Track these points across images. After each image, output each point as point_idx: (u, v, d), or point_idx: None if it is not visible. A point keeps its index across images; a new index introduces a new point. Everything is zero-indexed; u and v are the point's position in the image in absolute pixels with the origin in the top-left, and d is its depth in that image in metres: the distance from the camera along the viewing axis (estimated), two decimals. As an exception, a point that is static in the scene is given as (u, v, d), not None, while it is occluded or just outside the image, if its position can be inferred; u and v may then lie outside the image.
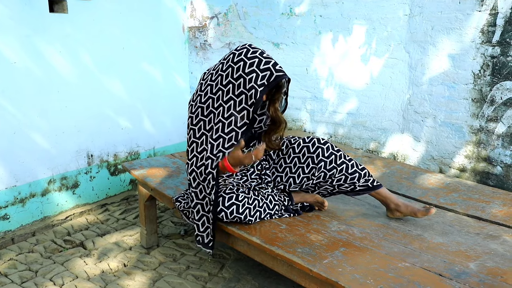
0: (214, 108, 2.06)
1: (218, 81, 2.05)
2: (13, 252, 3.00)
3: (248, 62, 1.97)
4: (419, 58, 3.15)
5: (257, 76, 1.96)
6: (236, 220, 2.12)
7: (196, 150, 2.10)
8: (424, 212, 2.15)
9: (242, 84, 1.99)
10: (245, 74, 1.97)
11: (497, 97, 2.85)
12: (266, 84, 1.96)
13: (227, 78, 2.02)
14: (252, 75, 1.97)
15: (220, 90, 2.04)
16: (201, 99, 2.10)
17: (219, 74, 2.06)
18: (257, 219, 2.17)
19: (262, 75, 1.96)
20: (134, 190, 4.07)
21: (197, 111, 2.10)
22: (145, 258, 2.91)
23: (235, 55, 2.02)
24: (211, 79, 2.09)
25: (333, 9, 3.49)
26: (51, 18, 3.24)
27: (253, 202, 2.15)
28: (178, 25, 4.34)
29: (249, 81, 1.97)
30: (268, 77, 1.96)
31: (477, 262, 1.81)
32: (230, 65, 2.02)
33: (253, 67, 1.97)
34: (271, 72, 1.96)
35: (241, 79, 1.99)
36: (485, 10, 2.81)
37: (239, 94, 2.01)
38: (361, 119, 3.53)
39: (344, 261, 1.83)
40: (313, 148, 2.23)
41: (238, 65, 1.99)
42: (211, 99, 2.07)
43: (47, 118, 3.31)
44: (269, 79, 1.96)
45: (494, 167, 2.94)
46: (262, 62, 1.97)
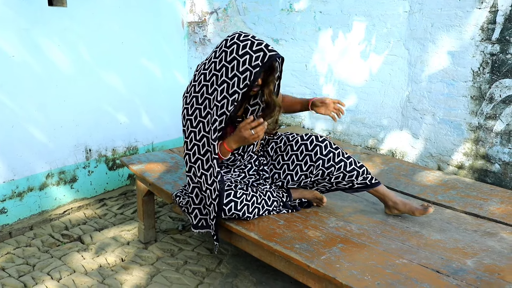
0: (208, 94, 2.05)
1: (212, 68, 2.04)
2: (11, 246, 3.00)
3: (241, 45, 1.97)
4: (419, 55, 3.15)
5: (250, 57, 1.96)
6: (235, 217, 2.12)
7: (195, 138, 2.08)
8: (422, 211, 2.15)
9: (235, 67, 1.98)
10: (239, 56, 1.97)
11: (496, 95, 2.85)
12: (260, 65, 1.95)
13: (220, 62, 2.01)
14: (246, 57, 1.96)
15: (214, 76, 2.03)
16: (195, 89, 2.09)
17: (212, 61, 2.05)
18: (256, 216, 2.17)
19: (256, 56, 1.95)
20: (132, 185, 4.07)
21: (192, 101, 2.09)
22: (142, 253, 2.91)
23: (227, 41, 2.02)
24: (204, 67, 2.08)
25: (332, 5, 3.48)
26: (50, 11, 3.23)
27: (251, 199, 2.14)
28: (178, 20, 4.33)
29: (242, 63, 1.96)
30: (262, 57, 1.95)
31: (475, 259, 1.81)
32: (224, 50, 2.01)
33: (246, 49, 1.96)
34: (264, 52, 1.95)
35: (235, 62, 1.98)
36: (485, 8, 2.81)
37: (232, 76, 1.99)
38: (360, 115, 3.53)
39: (341, 257, 1.83)
40: (311, 146, 2.22)
41: (231, 49, 1.99)
42: (205, 87, 2.06)
43: (45, 112, 3.30)
44: (263, 60, 1.95)
45: (492, 165, 2.95)
46: (254, 44, 1.97)
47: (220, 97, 2.02)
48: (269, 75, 2.09)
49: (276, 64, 2.06)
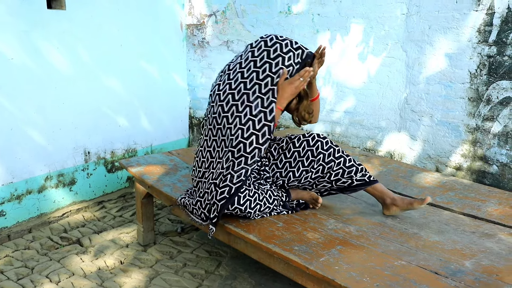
0: (247, 89, 2.11)
1: (251, 65, 2.12)
2: (9, 248, 3.00)
3: (283, 43, 2.11)
4: (416, 57, 3.16)
5: (293, 54, 2.12)
6: (237, 211, 2.12)
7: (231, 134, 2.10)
8: (420, 202, 2.17)
9: (280, 62, 2.09)
10: (283, 53, 2.10)
11: (493, 97, 2.86)
12: (300, 62, 2.13)
13: (262, 60, 2.11)
14: (290, 54, 2.11)
15: (254, 72, 2.11)
16: (230, 86, 2.13)
17: (250, 60, 2.13)
18: (257, 212, 2.17)
19: (297, 53, 2.13)
20: (131, 187, 4.07)
21: (228, 98, 2.12)
22: (141, 255, 2.91)
23: (266, 42, 2.13)
24: (241, 66, 2.15)
25: (330, 7, 3.49)
26: (49, 14, 3.23)
27: (253, 195, 2.16)
28: (176, 23, 4.34)
29: (288, 59, 2.10)
30: (301, 55, 2.14)
31: (473, 261, 1.82)
32: (265, 49, 2.12)
33: (289, 47, 2.11)
34: (302, 50, 2.14)
35: (279, 58, 2.10)
36: (482, 10, 2.82)
37: (277, 71, 2.10)
38: (358, 117, 3.54)
39: (340, 259, 1.84)
40: (312, 142, 2.31)
41: (275, 47, 2.10)
42: (242, 83, 2.11)
43: (44, 114, 3.31)
44: (301, 56, 2.14)
45: (490, 166, 2.96)
46: (293, 43, 2.14)
47: (264, 89, 2.09)
48: None
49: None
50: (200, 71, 4.45)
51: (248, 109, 2.08)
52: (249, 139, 2.07)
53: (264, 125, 2.07)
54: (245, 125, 2.07)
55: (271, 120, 2.07)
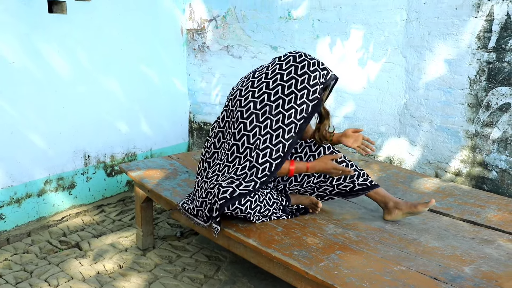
0: (270, 101, 2.15)
1: (278, 78, 2.16)
2: (8, 252, 3.00)
3: (311, 62, 2.15)
4: (416, 63, 3.17)
5: (319, 74, 2.15)
6: (237, 212, 2.12)
7: (248, 141, 2.15)
8: (425, 204, 2.17)
9: (306, 80, 2.13)
10: (310, 71, 2.13)
11: (493, 103, 2.87)
12: (324, 82, 2.16)
13: (289, 75, 2.15)
14: (316, 73, 2.13)
15: (280, 85, 2.15)
16: (253, 94, 2.17)
17: (277, 72, 2.17)
18: (257, 213, 2.17)
19: (322, 74, 2.16)
20: (131, 191, 4.06)
21: (249, 105, 2.16)
22: (140, 259, 2.91)
23: (295, 57, 2.17)
24: (267, 76, 2.18)
25: (331, 13, 3.51)
26: (50, 18, 3.24)
27: (254, 196, 2.16)
28: (177, 27, 4.35)
29: (313, 78, 2.13)
30: (326, 75, 2.17)
31: (472, 266, 1.82)
32: (293, 64, 2.15)
33: (315, 66, 2.15)
34: (327, 71, 2.18)
35: (306, 76, 2.13)
36: (481, 16, 2.84)
37: (302, 88, 2.13)
38: (358, 122, 3.54)
39: (340, 264, 1.84)
40: (314, 147, 2.35)
41: (302, 64, 2.14)
42: (266, 94, 2.15)
43: (44, 118, 3.31)
44: (326, 77, 2.17)
45: (489, 172, 2.96)
46: (320, 63, 2.17)
47: (287, 106, 2.13)
48: (324, 90, 2.24)
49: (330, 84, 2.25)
50: (200, 75, 4.46)
51: (269, 121, 2.12)
52: (263, 151, 2.12)
53: (280, 142, 2.12)
54: (263, 136, 2.12)
55: (288, 139, 2.12)
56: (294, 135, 2.14)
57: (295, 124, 2.13)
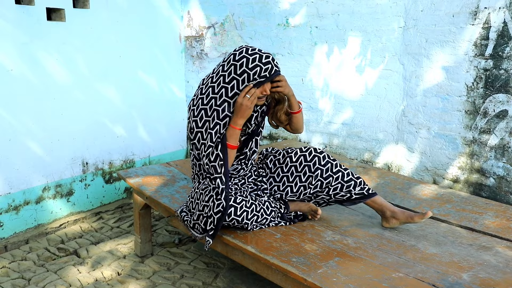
0: (217, 106, 2.13)
1: (220, 81, 2.13)
2: (6, 260, 2.99)
3: (251, 58, 2.07)
4: (413, 70, 3.19)
5: (260, 69, 2.07)
6: (234, 222, 2.12)
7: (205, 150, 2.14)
8: (421, 216, 2.17)
9: (246, 79, 2.08)
10: (249, 69, 2.07)
11: (490, 109, 2.89)
12: (267, 77, 2.09)
13: (230, 75, 2.10)
14: (256, 69, 2.07)
15: (223, 88, 2.12)
16: (203, 101, 2.15)
17: (220, 75, 2.13)
18: (254, 223, 2.17)
19: (265, 68, 2.08)
20: (129, 198, 4.06)
21: (201, 113, 2.14)
22: (139, 266, 2.90)
23: (235, 55, 2.11)
24: (212, 81, 2.16)
25: (328, 20, 3.53)
26: (49, 26, 3.26)
27: (250, 206, 2.16)
28: (175, 34, 4.37)
29: (253, 75, 2.07)
30: (270, 70, 2.09)
31: (470, 273, 1.82)
32: (233, 63, 2.10)
33: (256, 62, 2.07)
34: (271, 66, 2.09)
35: (245, 74, 2.08)
36: (478, 24, 2.86)
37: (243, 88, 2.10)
38: (356, 129, 3.56)
39: (338, 270, 1.84)
40: (309, 157, 2.29)
41: (241, 62, 2.08)
42: (213, 99, 2.14)
43: (42, 125, 3.31)
44: (270, 72, 2.09)
45: (487, 179, 2.97)
46: (263, 57, 2.08)
47: (232, 108, 2.12)
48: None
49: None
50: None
51: (218, 127, 2.13)
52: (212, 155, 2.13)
53: (218, 138, 2.13)
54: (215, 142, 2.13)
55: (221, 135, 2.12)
56: None
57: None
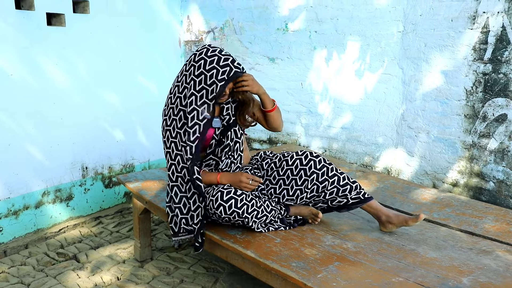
0: (182, 106, 2.19)
1: (183, 80, 2.19)
2: (5, 265, 2.98)
3: (208, 60, 2.12)
4: (413, 74, 3.20)
5: (217, 72, 2.11)
6: (234, 216, 2.12)
7: (177, 148, 2.21)
8: (414, 219, 2.18)
9: (203, 80, 2.13)
10: (206, 71, 2.12)
11: (489, 113, 2.89)
12: (226, 79, 2.12)
13: (189, 76, 2.16)
14: (213, 72, 2.11)
15: (186, 88, 2.18)
16: (171, 101, 2.23)
17: (183, 74, 2.20)
18: (254, 218, 2.17)
19: (222, 71, 2.11)
20: (128, 203, 4.06)
21: (169, 112, 2.23)
22: (138, 271, 2.89)
23: (196, 55, 2.17)
24: (177, 80, 2.23)
25: (328, 25, 3.54)
26: (49, 31, 3.26)
27: (251, 201, 2.16)
28: (175, 39, 4.38)
29: (210, 77, 2.12)
30: (228, 72, 2.12)
31: (470, 277, 1.82)
32: (192, 64, 2.17)
33: (213, 64, 2.12)
34: (230, 68, 2.12)
35: (202, 76, 2.13)
36: (477, 28, 2.87)
37: (200, 89, 2.14)
38: (355, 133, 3.56)
39: (338, 275, 1.84)
40: (305, 161, 2.30)
41: (199, 64, 2.14)
42: (179, 99, 2.20)
43: (42, 130, 3.31)
44: (229, 74, 2.12)
45: (486, 183, 2.97)
46: (221, 59, 2.13)
47: (189, 108, 2.16)
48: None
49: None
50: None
51: (186, 127, 2.18)
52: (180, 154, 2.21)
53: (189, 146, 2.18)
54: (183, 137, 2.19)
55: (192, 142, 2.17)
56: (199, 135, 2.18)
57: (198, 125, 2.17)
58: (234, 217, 2.13)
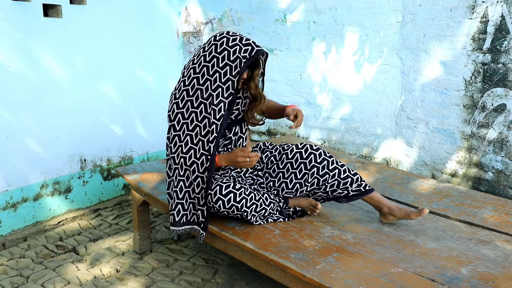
0: (200, 85, 2.15)
1: (201, 60, 2.15)
2: (4, 257, 2.98)
3: (231, 38, 2.12)
4: (412, 65, 3.18)
5: (240, 48, 2.09)
6: (233, 210, 2.12)
7: (188, 129, 2.15)
8: (418, 213, 2.17)
9: (226, 56, 2.10)
10: (229, 47, 2.10)
11: (488, 104, 2.88)
12: (248, 57, 2.09)
13: (210, 54, 2.13)
14: (236, 48, 2.09)
15: (205, 67, 2.14)
16: (185, 83, 2.18)
17: (201, 55, 2.16)
18: (253, 212, 2.17)
19: (245, 49, 2.10)
20: (127, 195, 4.06)
21: (182, 95, 2.18)
22: (138, 263, 2.90)
23: (216, 36, 2.16)
24: (193, 62, 2.19)
25: (326, 15, 3.52)
26: (45, 22, 3.24)
27: (249, 194, 2.16)
28: (173, 30, 4.35)
29: (233, 53, 2.09)
30: (250, 51, 2.10)
31: (469, 267, 1.82)
32: (213, 43, 2.14)
33: (236, 41, 2.11)
34: (252, 46, 2.11)
35: (225, 52, 2.10)
36: (476, 18, 2.85)
37: (224, 66, 2.11)
38: (354, 124, 3.55)
39: (337, 266, 1.84)
40: (305, 154, 2.28)
41: (221, 41, 2.12)
42: (195, 79, 2.16)
43: (40, 122, 3.30)
44: (250, 53, 2.10)
45: (485, 173, 2.97)
46: (243, 39, 2.12)
47: (214, 86, 2.12)
48: (254, 70, 2.23)
49: (260, 61, 2.22)
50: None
51: (203, 106, 2.13)
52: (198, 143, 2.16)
53: (212, 123, 2.13)
54: (201, 122, 2.14)
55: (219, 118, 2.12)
56: (224, 112, 2.14)
57: (223, 103, 2.13)
58: (232, 211, 2.13)
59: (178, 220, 2.19)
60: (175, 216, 2.19)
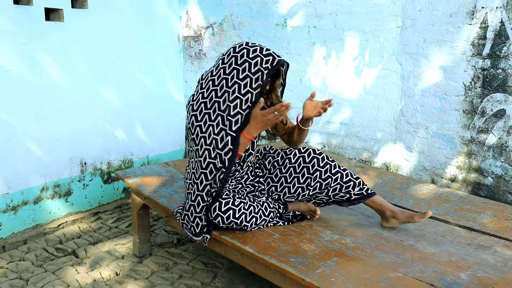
0: (218, 97, 2.11)
1: (221, 73, 2.11)
2: (4, 260, 2.98)
3: (251, 49, 2.09)
4: (411, 70, 3.19)
5: (261, 60, 2.06)
6: (232, 225, 2.13)
7: (206, 143, 2.11)
8: (421, 215, 2.17)
9: (247, 68, 2.07)
10: (250, 59, 2.07)
11: (488, 109, 2.89)
12: (270, 68, 2.06)
13: (230, 66, 2.09)
14: (257, 59, 2.06)
15: (224, 79, 2.10)
16: (203, 95, 2.14)
17: (220, 67, 2.13)
18: (253, 225, 2.18)
19: (266, 59, 2.07)
20: (127, 198, 4.06)
21: (200, 107, 2.13)
22: (137, 267, 2.90)
23: (235, 48, 2.12)
24: (212, 74, 2.15)
25: (326, 20, 3.53)
26: (47, 26, 3.25)
27: (249, 208, 2.16)
28: (173, 34, 4.37)
29: (254, 65, 2.06)
30: (271, 61, 2.07)
31: (468, 273, 1.83)
32: (233, 55, 2.10)
33: (256, 53, 2.08)
34: (273, 57, 2.08)
35: (246, 64, 2.07)
36: (476, 24, 2.86)
37: (244, 77, 2.07)
38: (354, 129, 3.56)
39: (336, 270, 1.84)
40: (308, 158, 2.28)
41: (241, 53, 2.09)
42: (214, 91, 2.12)
43: (41, 125, 3.31)
44: (272, 63, 2.07)
45: (485, 178, 2.97)
46: (263, 49, 2.09)
47: (232, 97, 2.08)
48: (275, 80, 2.24)
49: (281, 70, 2.21)
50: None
51: (220, 118, 2.11)
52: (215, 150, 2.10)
53: (227, 134, 2.09)
54: (219, 134, 2.10)
55: (235, 131, 2.09)
56: (240, 125, 2.10)
57: (240, 115, 2.10)
58: (232, 226, 2.14)
59: (200, 231, 2.19)
60: (194, 228, 2.19)
